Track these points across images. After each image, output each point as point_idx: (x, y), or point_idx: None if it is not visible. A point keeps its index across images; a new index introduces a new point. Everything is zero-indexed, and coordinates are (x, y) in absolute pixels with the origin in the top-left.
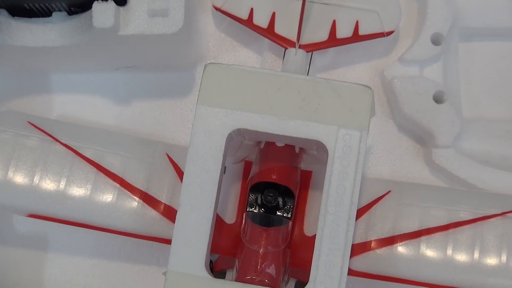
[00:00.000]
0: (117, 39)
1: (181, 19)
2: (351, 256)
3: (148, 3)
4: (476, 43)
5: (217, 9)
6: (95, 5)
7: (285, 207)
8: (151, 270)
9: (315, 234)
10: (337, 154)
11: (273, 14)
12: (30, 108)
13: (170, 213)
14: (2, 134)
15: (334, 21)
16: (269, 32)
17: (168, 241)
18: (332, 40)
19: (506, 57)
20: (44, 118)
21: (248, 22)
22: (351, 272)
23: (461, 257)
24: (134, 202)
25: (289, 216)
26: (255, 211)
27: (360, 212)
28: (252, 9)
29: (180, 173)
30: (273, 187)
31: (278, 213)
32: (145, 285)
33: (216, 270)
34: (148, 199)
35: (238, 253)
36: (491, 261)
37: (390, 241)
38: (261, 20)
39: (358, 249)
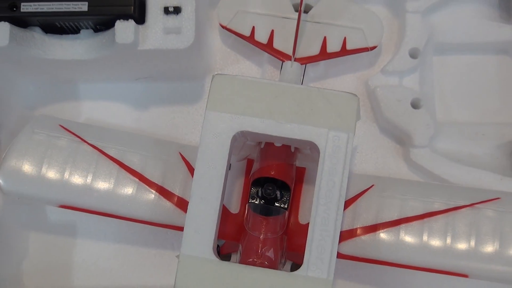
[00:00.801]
0: (136, 53)
1: (192, 36)
2: (339, 242)
3: (163, 22)
4: (448, 56)
5: (223, 27)
6: (117, 23)
7: (282, 199)
8: (166, 253)
9: (308, 222)
10: (328, 153)
11: (272, 32)
12: (61, 113)
13: (182, 204)
14: (36, 136)
15: (324, 38)
16: (268, 47)
17: (180, 229)
18: (323, 54)
19: (475, 69)
20: (73, 121)
21: (250, 39)
22: (339, 256)
23: (435, 242)
24: (151, 195)
25: (285, 206)
26: (256, 202)
27: (348, 203)
28: (253, 27)
29: (191, 170)
30: (272, 181)
31: (276, 204)
32: (160, 267)
33: (222, 253)
34: (163, 192)
35: (241, 239)
36: (461, 246)
37: (374, 228)
38: (261, 37)
39: (346, 235)
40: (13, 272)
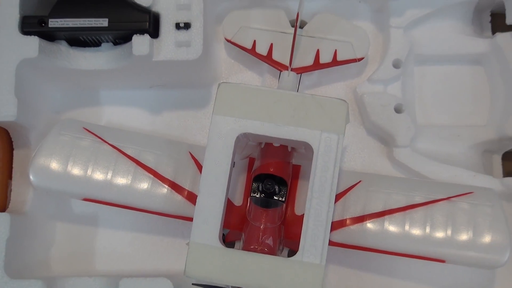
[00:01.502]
0: (151, 64)
1: (200, 48)
2: (331, 231)
3: (175, 36)
4: (427, 66)
5: (228, 40)
6: (134, 37)
7: (280, 193)
8: (177, 241)
9: (303, 214)
10: (320, 152)
11: (271, 45)
12: (84, 117)
13: (192, 198)
14: (62, 137)
15: (318, 50)
16: (268, 58)
17: (190, 219)
18: (316, 65)
19: (451, 78)
20: (95, 124)
21: (252, 51)
22: (331, 243)
23: (416, 231)
24: (164, 189)
25: (283, 200)
26: (257, 196)
27: (338, 197)
28: (254, 40)
29: (199, 167)
30: (271, 177)
31: (274, 197)
32: (172, 253)
33: (227, 241)
34: (175, 186)
35: (244, 228)
36: (439, 234)
37: (361, 219)
38: (261, 49)
39: (336, 225)
40: (42, 258)
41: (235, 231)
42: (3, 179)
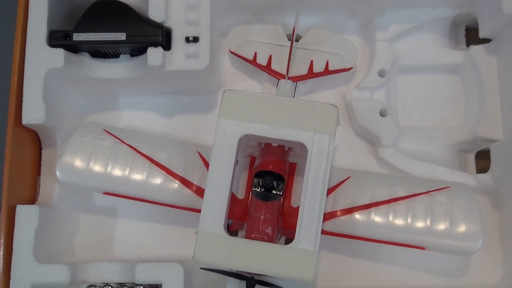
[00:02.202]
0: (163, 73)
1: (207, 59)
2: (323, 221)
3: (185, 49)
4: (409, 75)
5: (232, 52)
6: (149, 50)
7: (278, 188)
8: (187, 230)
9: (299, 206)
10: (314, 152)
11: (270, 56)
12: (105, 120)
13: (200, 192)
14: (85, 138)
15: (311, 61)
16: (267, 68)
17: (198, 211)
18: (310, 74)
19: (429, 85)
20: (114, 127)
21: (253, 62)
22: (323, 232)
23: (398, 222)
24: (176, 184)
25: (281, 193)
26: (258, 190)
27: (329, 191)
28: (255, 52)
29: (206, 164)
30: (270, 174)
31: (273, 191)
32: (183, 241)
33: (231, 230)
34: (185, 182)
35: (246, 219)
36: (419, 224)
37: (350, 211)
38: (262, 60)
39: (328, 216)
40: (67, 245)
41: (238, 221)
42: (32, 176)
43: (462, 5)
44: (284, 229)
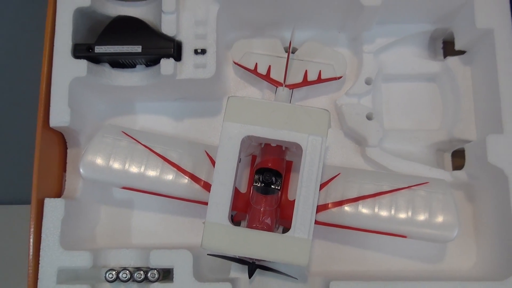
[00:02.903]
0: (175, 82)
1: (213, 69)
2: (316, 212)
3: (194, 60)
4: (392, 83)
5: (235, 63)
6: (162, 61)
7: (276, 183)
8: (195, 221)
9: (295, 199)
10: (308, 151)
11: (269, 66)
12: (123, 123)
13: (207, 186)
14: (105, 139)
15: (306, 70)
16: (267, 77)
17: (206, 203)
18: (305, 82)
19: (411, 92)
20: (131, 129)
21: (254, 71)
22: (316, 222)
23: (383, 213)
24: (185, 180)
25: (278, 188)
26: (258, 185)
27: (322, 186)
28: (256, 63)
29: (213, 162)
30: (269, 171)
31: (272, 186)
32: (192, 230)
33: (234, 220)
34: (193, 178)
35: (248, 210)
36: (401, 215)
37: (340, 203)
38: (262, 70)
39: (321, 208)
40: (90, 234)
41: (241, 212)
42: (59, 172)
43: (440, 21)
44: (281, 219)
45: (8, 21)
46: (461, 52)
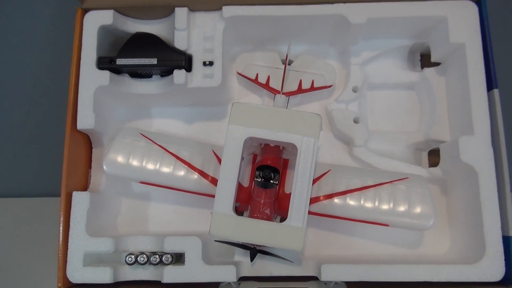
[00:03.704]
0: (186, 90)
1: (220, 79)
2: (309, 204)
3: (202, 71)
4: (376, 91)
5: (239, 73)
6: (175, 72)
7: (275, 178)
8: (204, 211)
9: (291, 192)
10: (302, 150)
11: (268, 76)
12: (140, 125)
13: (214, 181)
14: (125, 140)
15: (300, 80)
16: (266, 85)
17: (213, 196)
18: (300, 90)
19: (392, 99)
20: (148, 131)
21: (255, 80)
22: (309, 213)
23: (368, 204)
24: (195, 176)
25: (276, 183)
26: (259, 180)
27: (314, 181)
28: (257, 73)
29: (219, 160)
30: (269, 167)
31: (271, 181)
32: (201, 219)
33: (238, 211)
34: (202, 174)
35: (250, 202)
36: (384, 207)
37: (330, 196)
38: (262, 79)
39: (313, 200)
40: (112, 222)
41: (244, 204)
42: (85, 169)
43: (418, 36)
44: (279, 210)
45: (42, 38)
46: (437, 64)
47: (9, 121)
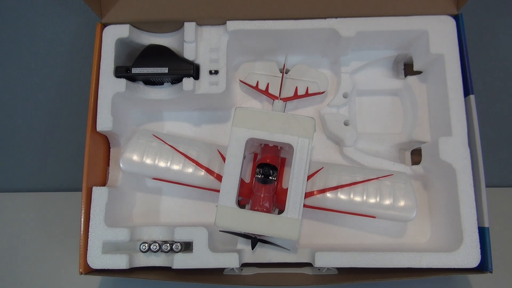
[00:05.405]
0: (194, 96)
1: (224, 86)
2: (304, 198)
3: (208, 78)
4: (364, 97)
5: (241, 81)
6: (184, 79)
7: (273, 175)
8: (210, 204)
9: (287, 187)
10: (298, 150)
11: (268, 84)
12: (154, 128)
13: (219, 178)
14: (140, 140)
15: (296, 87)
16: (266, 92)
17: (218, 191)
18: (296, 96)
19: (378, 104)
20: (160, 132)
21: (256, 87)
22: (304, 206)
23: (357, 198)
24: (202, 172)
25: (275, 179)
26: (259, 176)
27: (309, 177)
28: (258, 81)
29: (224, 159)
30: (268, 165)
31: (270, 178)
32: (207, 211)
33: (241, 204)
34: (209, 171)
35: (251, 196)
36: (372, 200)
37: (323, 191)
38: (262, 86)
39: (308, 194)
40: (128, 214)
41: (245, 198)
42: (104, 166)
43: (401, 47)
44: (277, 203)
45: (67, 50)
46: (419, 72)
47: (37, 124)
